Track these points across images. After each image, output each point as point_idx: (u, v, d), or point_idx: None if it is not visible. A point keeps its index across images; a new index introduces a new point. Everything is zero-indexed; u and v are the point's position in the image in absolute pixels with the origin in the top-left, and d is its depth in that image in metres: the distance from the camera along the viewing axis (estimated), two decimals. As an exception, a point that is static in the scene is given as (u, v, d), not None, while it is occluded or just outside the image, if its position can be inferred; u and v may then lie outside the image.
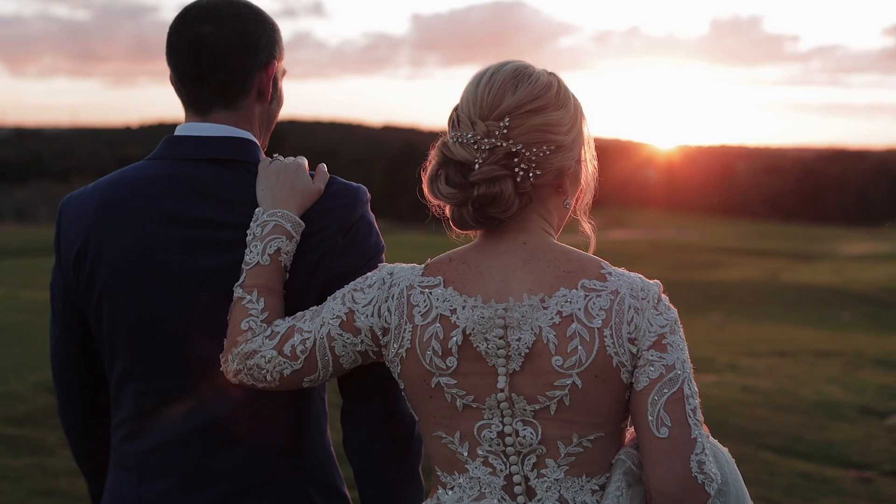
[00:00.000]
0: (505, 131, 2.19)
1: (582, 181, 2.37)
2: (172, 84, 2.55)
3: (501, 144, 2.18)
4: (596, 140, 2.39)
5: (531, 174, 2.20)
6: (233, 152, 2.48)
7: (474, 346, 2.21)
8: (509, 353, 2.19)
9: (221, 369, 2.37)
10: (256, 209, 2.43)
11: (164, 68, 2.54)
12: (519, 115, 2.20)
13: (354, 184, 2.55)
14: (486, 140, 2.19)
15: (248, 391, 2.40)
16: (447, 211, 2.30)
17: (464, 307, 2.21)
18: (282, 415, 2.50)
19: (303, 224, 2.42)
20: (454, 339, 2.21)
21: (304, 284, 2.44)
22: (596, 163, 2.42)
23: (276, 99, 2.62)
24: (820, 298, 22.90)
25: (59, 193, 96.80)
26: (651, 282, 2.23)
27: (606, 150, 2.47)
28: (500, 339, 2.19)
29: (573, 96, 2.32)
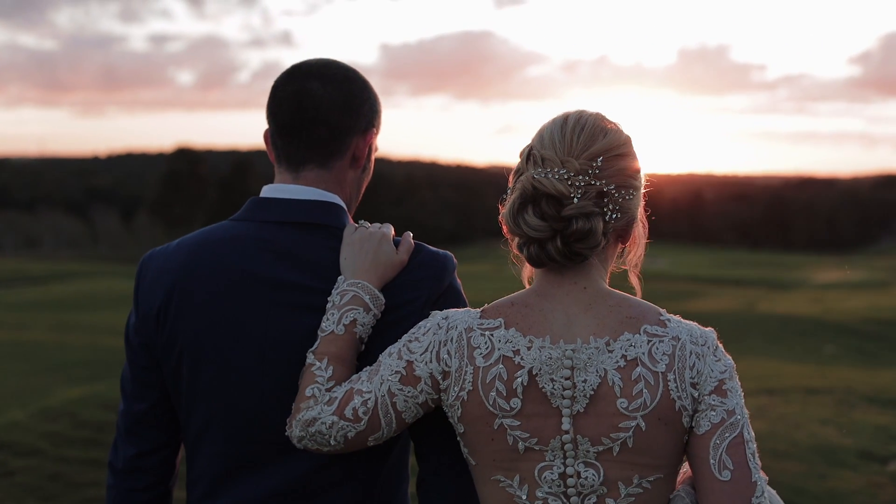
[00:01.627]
0: (598, 171, 2.26)
1: (636, 234, 2.44)
2: (267, 141, 2.58)
3: (594, 183, 2.26)
4: None
5: (614, 216, 2.28)
6: (319, 216, 2.50)
7: (539, 386, 2.24)
8: (575, 395, 2.22)
9: (286, 435, 2.39)
10: (339, 277, 2.44)
11: (133, 97, 2.06)
12: (610, 158, 2.28)
13: (442, 252, 2.54)
14: (579, 177, 2.25)
15: (325, 455, 2.42)
16: (514, 245, 2.36)
17: (529, 348, 2.25)
18: (359, 477, 2.49)
19: (382, 298, 2.42)
20: (519, 379, 2.24)
21: None
22: (646, 221, 2.49)
23: (367, 168, 2.63)
24: (801, 330, 22.42)
25: (26, 223, 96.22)
26: (707, 329, 2.31)
27: None
28: (566, 379, 2.22)
29: None
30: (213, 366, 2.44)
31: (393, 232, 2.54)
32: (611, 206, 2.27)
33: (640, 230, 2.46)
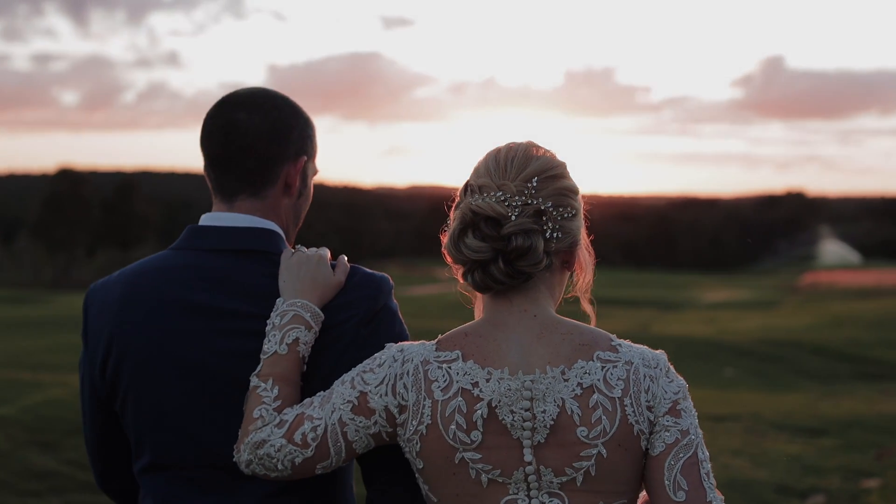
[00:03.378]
0: (534, 191, 2.31)
1: (582, 260, 2.46)
2: (204, 170, 2.60)
3: (531, 202, 2.30)
4: (453, 191, 2.45)
5: (555, 235, 2.32)
6: (256, 243, 2.52)
7: (500, 418, 2.25)
8: (535, 426, 2.23)
9: (234, 460, 2.38)
10: (277, 299, 2.46)
11: (16, 117, 1.62)
12: (544, 178, 2.34)
13: (378, 273, 2.57)
14: (516, 197, 2.30)
15: (273, 483, 2.42)
16: (460, 274, 2.39)
17: (488, 380, 2.26)
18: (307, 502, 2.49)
19: (322, 315, 2.44)
20: (479, 412, 2.25)
21: (326, 376, 2.44)
22: (591, 249, 2.52)
23: (304, 195, 2.66)
24: (698, 353, 22.08)
25: None
26: (657, 352, 2.34)
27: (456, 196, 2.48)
28: (526, 411, 2.24)
29: None
30: (156, 397, 2.46)
31: (329, 255, 2.56)
32: (550, 225, 2.31)
33: (586, 256, 2.48)
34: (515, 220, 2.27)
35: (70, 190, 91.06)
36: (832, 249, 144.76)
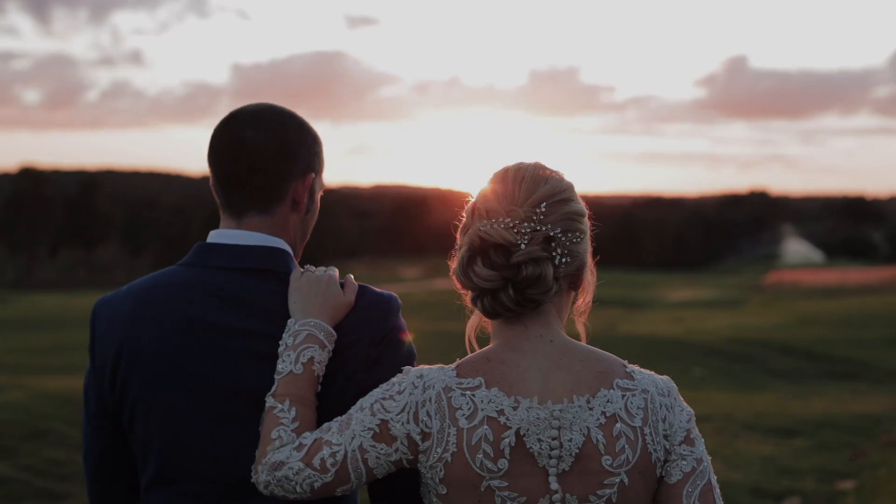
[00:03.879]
0: (542, 217, 2.32)
1: (586, 281, 2.47)
2: (212, 187, 2.62)
3: (540, 229, 2.31)
4: (418, 190, 2.80)
5: (564, 260, 2.32)
6: (265, 262, 2.53)
7: (527, 446, 2.25)
8: (561, 454, 2.25)
9: (252, 481, 2.37)
10: (289, 320, 2.45)
11: None
12: (553, 203, 2.34)
13: (386, 293, 2.58)
14: (525, 224, 2.31)
15: (281, 499, 2.39)
16: (469, 300, 2.39)
17: (515, 408, 2.26)
18: None
19: (335, 334, 2.45)
20: (507, 440, 2.24)
21: (336, 397, 2.44)
22: (594, 269, 2.52)
23: (311, 211, 2.67)
24: (667, 352, 21.98)
25: None
26: (664, 377, 2.39)
27: (427, 199, 3.75)
28: (553, 440, 2.25)
29: None
30: (164, 415, 2.47)
31: (337, 274, 2.57)
32: (559, 251, 2.31)
33: (590, 277, 2.49)
34: (525, 249, 2.28)
35: (32, 189, 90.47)
36: (795, 248, 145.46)
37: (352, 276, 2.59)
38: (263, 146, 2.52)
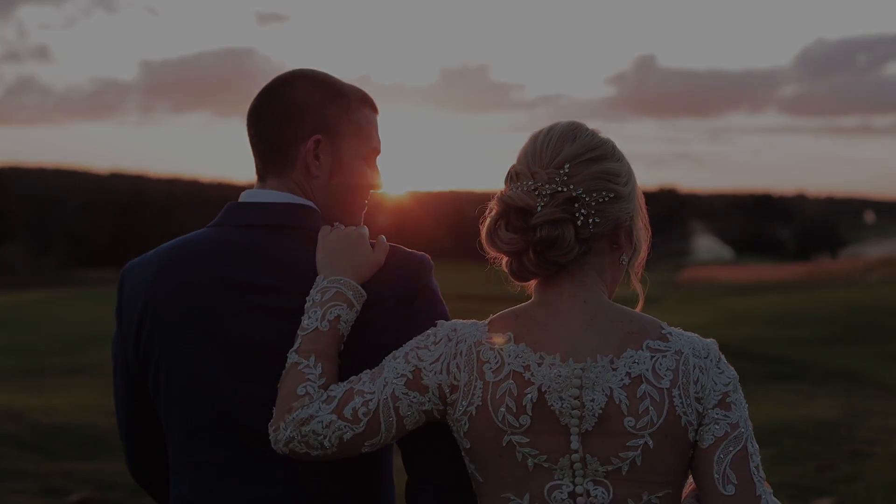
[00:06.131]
0: (565, 178, 2.28)
1: (636, 240, 2.40)
2: None
3: (562, 190, 2.28)
4: None
5: (591, 220, 2.28)
6: (292, 219, 2.50)
7: (548, 404, 2.23)
8: (583, 414, 2.22)
9: (271, 439, 2.31)
10: (318, 276, 2.41)
11: None
12: (578, 163, 2.30)
13: (417, 253, 2.56)
14: (547, 186, 2.28)
15: (306, 465, 2.37)
16: (504, 264, 2.37)
17: (540, 364, 2.24)
18: (344, 486, 2.45)
19: (364, 293, 2.41)
20: (529, 396, 2.23)
21: (364, 354, 2.40)
22: (648, 226, 2.47)
23: (338, 175, 2.57)
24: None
25: None
26: (709, 340, 2.33)
27: None
28: (575, 399, 2.22)
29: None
30: (189, 371, 2.44)
31: (367, 233, 2.52)
32: (584, 212, 2.27)
33: (640, 234, 2.42)
34: (542, 211, 2.26)
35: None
36: (706, 245, 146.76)
37: (384, 238, 2.54)
38: (270, 111, 2.52)
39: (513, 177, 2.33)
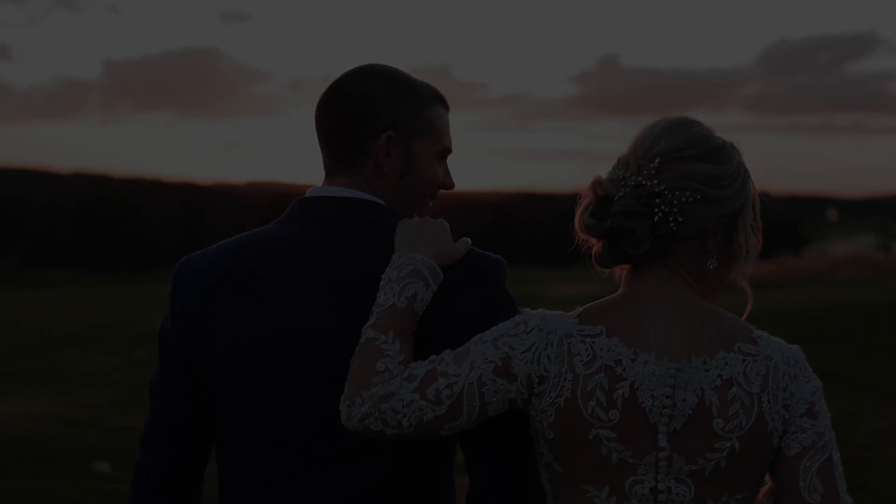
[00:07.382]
0: (653, 171, 2.27)
1: (738, 247, 2.36)
2: None
3: (646, 183, 2.27)
4: (293, 186, 1.80)
5: (671, 219, 2.25)
6: (364, 213, 2.46)
7: (639, 401, 2.23)
8: (673, 413, 2.22)
9: (344, 415, 2.25)
10: (394, 254, 2.37)
11: None
12: (671, 159, 2.28)
13: (494, 255, 2.48)
14: (633, 177, 2.28)
15: (375, 469, 2.33)
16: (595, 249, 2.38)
17: (633, 360, 2.24)
18: (408, 495, 2.37)
19: (440, 274, 2.36)
20: (621, 391, 2.23)
21: (430, 340, 2.33)
22: (761, 236, 2.42)
23: (408, 175, 2.51)
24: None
25: None
26: (795, 347, 2.32)
27: (295, 193, 2.56)
28: (667, 398, 2.22)
29: (742, 164, 2.36)
30: (254, 367, 2.38)
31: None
32: (664, 208, 2.25)
33: (747, 243, 2.36)
34: (619, 201, 2.26)
35: None
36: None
37: (468, 240, 2.47)
38: (341, 109, 2.48)
39: (615, 163, 2.34)
